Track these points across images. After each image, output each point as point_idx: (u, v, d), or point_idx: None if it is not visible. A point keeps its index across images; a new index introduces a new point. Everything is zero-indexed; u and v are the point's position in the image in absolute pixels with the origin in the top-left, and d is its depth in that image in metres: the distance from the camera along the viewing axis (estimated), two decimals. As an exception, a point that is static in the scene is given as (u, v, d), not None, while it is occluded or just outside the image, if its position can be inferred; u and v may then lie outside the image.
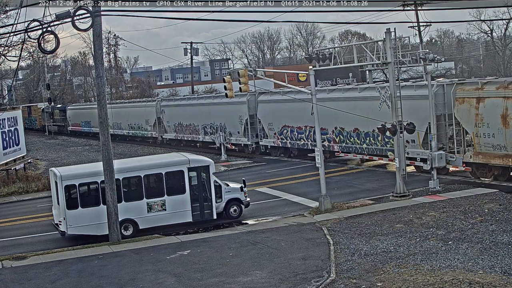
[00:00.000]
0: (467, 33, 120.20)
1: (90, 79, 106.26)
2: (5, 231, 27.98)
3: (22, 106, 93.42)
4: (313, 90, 26.86)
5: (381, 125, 27.00)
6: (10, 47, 34.20)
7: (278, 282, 17.22)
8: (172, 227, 25.26)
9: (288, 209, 27.60)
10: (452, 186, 28.36)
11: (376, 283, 16.41)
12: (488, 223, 21.37)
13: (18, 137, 44.39)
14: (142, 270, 19.55)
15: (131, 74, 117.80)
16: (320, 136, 27.53)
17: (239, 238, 22.50)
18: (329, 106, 31.86)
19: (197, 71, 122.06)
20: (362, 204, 26.59)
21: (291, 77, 68.39)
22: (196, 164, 25.69)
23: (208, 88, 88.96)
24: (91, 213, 24.34)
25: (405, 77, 58.42)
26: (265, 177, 36.26)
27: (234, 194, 26.59)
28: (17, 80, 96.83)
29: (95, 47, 23.68)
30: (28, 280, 19.51)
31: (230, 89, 28.11)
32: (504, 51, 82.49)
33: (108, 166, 23.54)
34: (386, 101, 28.00)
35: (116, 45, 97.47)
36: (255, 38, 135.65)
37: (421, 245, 19.43)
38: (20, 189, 38.05)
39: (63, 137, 79.94)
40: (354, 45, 31.48)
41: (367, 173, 34.99)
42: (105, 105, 23.86)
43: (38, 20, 21.99)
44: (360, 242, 20.43)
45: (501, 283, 15.46)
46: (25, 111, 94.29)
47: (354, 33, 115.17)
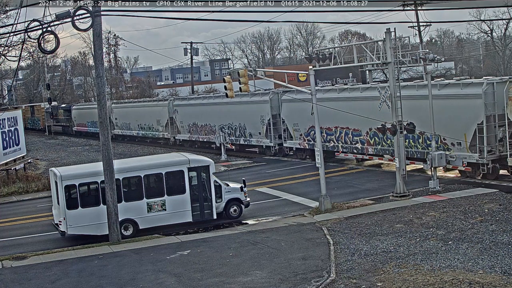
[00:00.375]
0: (467, 33, 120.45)
1: (90, 79, 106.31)
2: (5, 231, 27.98)
3: (25, 106, 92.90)
4: (313, 90, 26.86)
5: (381, 125, 27.01)
6: (10, 47, 34.18)
7: (278, 282, 17.22)
8: (172, 227, 25.25)
9: (288, 209, 27.60)
10: (452, 186, 28.35)
11: (376, 283, 16.41)
12: (488, 223, 21.37)
13: (18, 137, 44.38)
14: (142, 270, 19.56)
15: (131, 74, 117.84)
16: (320, 136, 27.54)
17: (239, 238, 22.50)
18: (365, 105, 30.82)
19: (197, 71, 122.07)
20: (362, 204, 26.59)
21: (291, 77, 68.41)
22: (196, 164, 25.68)
23: (208, 88, 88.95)
24: (91, 213, 24.34)
25: (405, 77, 58.43)
26: (265, 177, 36.26)
27: (234, 194, 26.59)
28: (17, 80, 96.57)
29: (95, 47, 23.68)
30: (28, 280, 19.51)
31: (230, 89, 28.14)
32: (504, 51, 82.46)
33: (108, 166, 23.53)
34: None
35: (116, 45, 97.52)
36: (255, 38, 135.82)
37: (421, 245, 19.43)
38: (20, 189, 38.05)
39: (63, 137, 79.88)
40: (354, 45, 31.47)
41: (367, 173, 34.99)
42: (105, 105, 23.86)
43: (38, 20, 21.99)
44: (360, 242, 20.43)
45: (501, 283, 15.46)
46: (28, 111, 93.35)
47: (354, 33, 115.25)
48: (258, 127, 44.91)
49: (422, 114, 29.48)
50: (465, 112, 29.03)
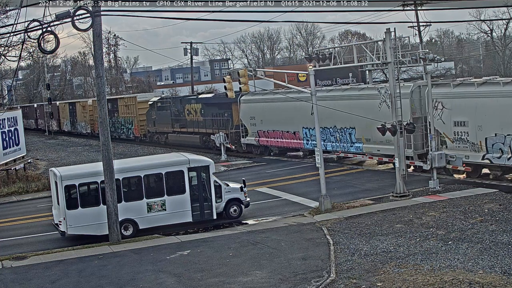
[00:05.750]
0: (467, 33, 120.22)
1: (90, 79, 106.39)
2: (5, 231, 27.98)
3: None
4: (313, 90, 26.85)
5: (381, 125, 27.02)
6: (10, 47, 34.17)
7: (278, 282, 17.22)
8: (172, 227, 25.26)
9: (288, 209, 27.60)
10: (452, 186, 28.36)
11: (376, 283, 16.42)
12: (488, 223, 21.37)
13: (18, 137, 44.37)
14: (142, 270, 19.56)
15: (131, 74, 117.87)
16: (320, 136, 27.52)
17: (239, 238, 22.50)
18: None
19: (197, 71, 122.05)
20: (362, 204, 26.59)
21: (291, 77, 68.38)
22: (196, 164, 25.69)
23: (208, 88, 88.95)
24: (91, 213, 24.34)
25: (405, 77, 58.43)
26: (265, 177, 36.25)
27: (234, 194, 26.59)
28: (17, 80, 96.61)
29: (95, 47, 23.68)
30: (28, 280, 19.52)
31: (230, 89, 28.16)
32: (504, 51, 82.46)
33: (108, 166, 23.54)
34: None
35: (116, 45, 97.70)
36: (255, 38, 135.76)
37: (421, 245, 19.44)
38: (20, 189, 38.04)
39: (63, 137, 79.82)
40: (354, 45, 31.48)
41: (367, 173, 34.99)
42: (105, 105, 23.87)
43: (38, 20, 21.99)
44: (360, 242, 20.44)
45: (501, 283, 15.46)
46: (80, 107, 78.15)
47: (354, 33, 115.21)
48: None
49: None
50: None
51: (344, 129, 36.86)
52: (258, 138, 44.82)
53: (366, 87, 35.91)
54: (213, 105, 49.97)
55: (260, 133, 44.54)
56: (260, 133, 44.55)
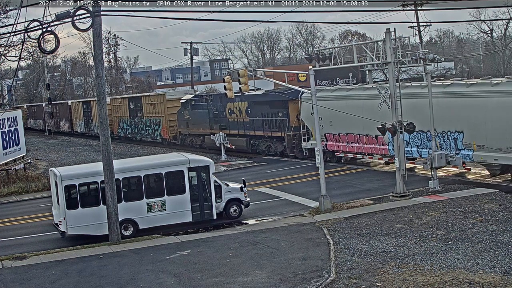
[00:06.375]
0: (467, 33, 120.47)
1: (90, 79, 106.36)
2: (5, 231, 27.98)
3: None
4: (313, 90, 26.85)
5: (381, 125, 27.01)
6: (10, 47, 34.17)
7: (278, 282, 17.22)
8: (172, 227, 25.26)
9: (288, 209, 27.60)
10: (452, 186, 28.36)
11: (376, 283, 16.42)
12: (488, 223, 21.37)
13: (18, 137, 44.38)
14: (142, 270, 19.56)
15: (131, 74, 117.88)
16: (320, 136, 27.50)
17: (239, 238, 22.50)
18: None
19: (197, 71, 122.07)
20: (362, 204, 26.59)
21: (291, 77, 68.38)
22: (196, 164, 25.69)
23: (208, 88, 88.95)
24: (91, 213, 24.34)
25: (405, 77, 58.44)
26: (265, 177, 36.25)
27: (234, 194, 26.59)
28: (17, 80, 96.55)
29: (95, 47, 23.68)
30: (28, 280, 19.52)
31: (230, 89, 28.16)
32: (504, 51, 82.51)
33: (108, 166, 23.54)
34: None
35: (116, 45, 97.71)
36: (255, 38, 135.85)
37: (421, 245, 19.44)
38: (20, 189, 38.04)
39: (63, 137, 79.75)
40: (354, 45, 31.48)
41: (367, 173, 34.98)
42: (105, 105, 23.88)
43: (38, 20, 21.98)
44: (360, 242, 20.44)
45: (501, 283, 15.46)
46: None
47: (354, 33, 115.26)
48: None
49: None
50: None
51: (447, 133, 30.25)
52: (326, 142, 37.70)
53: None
54: (263, 104, 43.43)
55: (329, 137, 37.93)
56: (328, 136, 37.93)
